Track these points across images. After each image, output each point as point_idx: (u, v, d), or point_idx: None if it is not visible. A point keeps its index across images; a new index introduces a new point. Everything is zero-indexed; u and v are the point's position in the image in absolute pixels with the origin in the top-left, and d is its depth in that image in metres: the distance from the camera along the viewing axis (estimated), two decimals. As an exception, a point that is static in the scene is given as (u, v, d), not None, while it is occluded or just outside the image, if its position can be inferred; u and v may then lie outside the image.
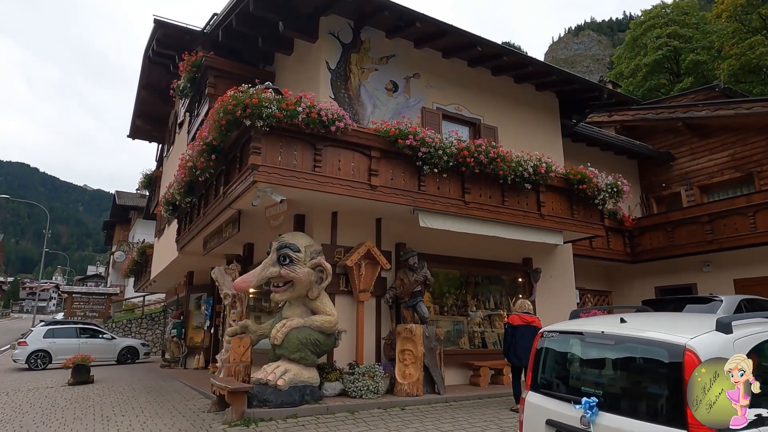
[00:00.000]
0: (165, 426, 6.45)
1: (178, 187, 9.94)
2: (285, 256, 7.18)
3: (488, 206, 9.08)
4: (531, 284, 10.87)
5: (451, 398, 7.89)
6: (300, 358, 6.97)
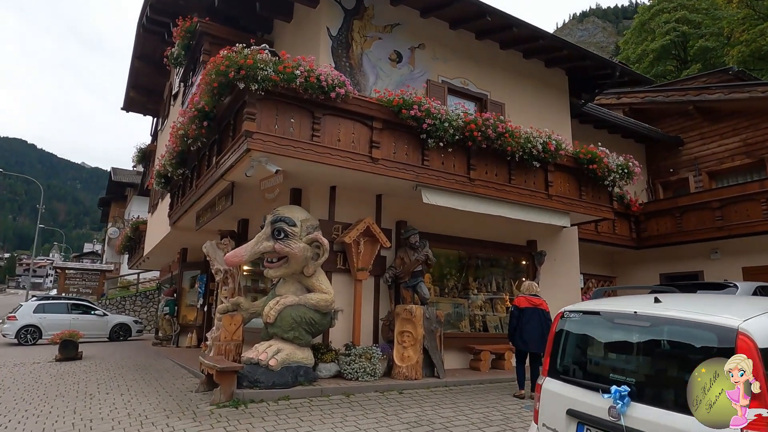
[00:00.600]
0: (149, 405, 6.11)
1: (170, 158, 9.50)
2: (280, 230, 6.78)
3: (494, 184, 8.66)
4: (535, 267, 10.50)
5: (451, 382, 7.57)
6: (294, 337, 6.61)
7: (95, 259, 50.40)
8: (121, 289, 27.90)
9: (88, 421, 5.50)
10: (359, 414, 5.66)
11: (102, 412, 5.88)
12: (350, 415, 5.62)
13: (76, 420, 5.59)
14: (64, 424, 5.46)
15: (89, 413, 5.88)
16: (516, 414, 5.98)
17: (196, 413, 5.56)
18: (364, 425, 5.24)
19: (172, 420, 5.36)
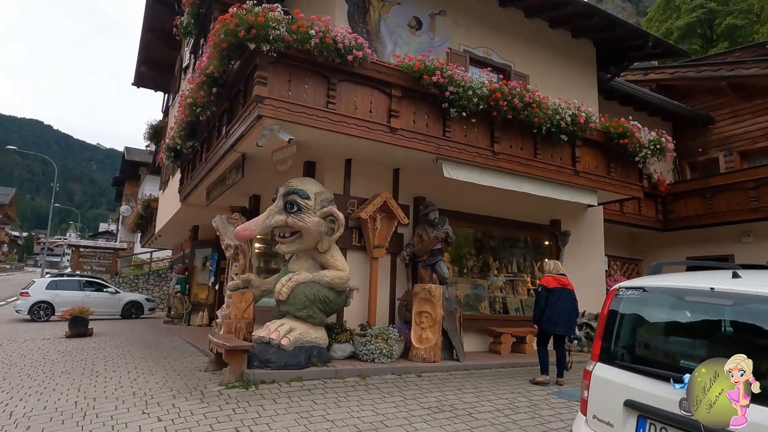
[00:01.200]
0: (156, 384, 5.83)
1: (179, 129, 9.13)
2: (292, 203, 6.39)
3: (519, 158, 8.16)
4: (558, 248, 10.03)
5: (471, 366, 7.20)
6: (307, 316, 6.27)
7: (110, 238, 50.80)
8: (134, 267, 27.97)
9: (92, 400, 5.23)
10: (376, 397, 5.32)
11: (107, 391, 5.61)
12: (367, 398, 5.27)
13: (79, 398, 5.33)
14: (66, 402, 5.20)
15: (93, 391, 5.61)
16: (543, 400, 5.59)
17: (204, 394, 5.26)
18: (382, 409, 4.89)
19: (178, 400, 5.06)
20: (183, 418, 4.49)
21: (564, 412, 5.12)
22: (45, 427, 4.41)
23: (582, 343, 9.50)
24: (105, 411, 4.80)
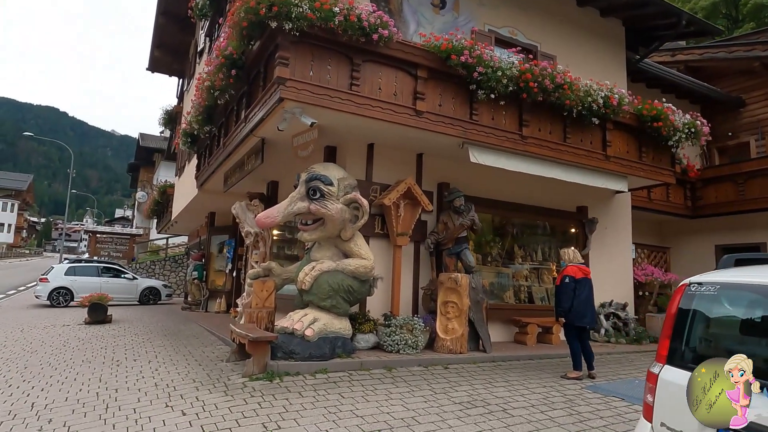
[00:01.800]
0: (178, 375, 5.70)
1: (196, 114, 8.92)
2: (315, 189, 6.16)
3: (548, 143, 7.83)
4: (585, 235, 9.72)
5: (498, 357, 6.98)
6: (331, 306, 6.07)
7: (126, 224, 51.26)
8: (151, 253, 28.14)
9: (114, 391, 5.11)
10: (404, 391, 5.12)
11: (128, 381, 5.49)
12: (395, 392, 5.08)
13: (101, 389, 5.21)
14: (88, 393, 5.08)
15: (115, 382, 5.50)
16: (578, 395, 5.36)
17: (228, 386, 5.11)
18: (412, 404, 4.70)
19: (202, 393, 4.91)
20: (208, 412, 4.34)
21: (602, 409, 4.88)
22: (67, 419, 4.29)
23: (609, 334, 9.24)
24: (127, 403, 4.67)
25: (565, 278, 6.14)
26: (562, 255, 6.55)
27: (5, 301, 15.87)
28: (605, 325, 9.36)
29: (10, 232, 63.23)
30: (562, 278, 6.19)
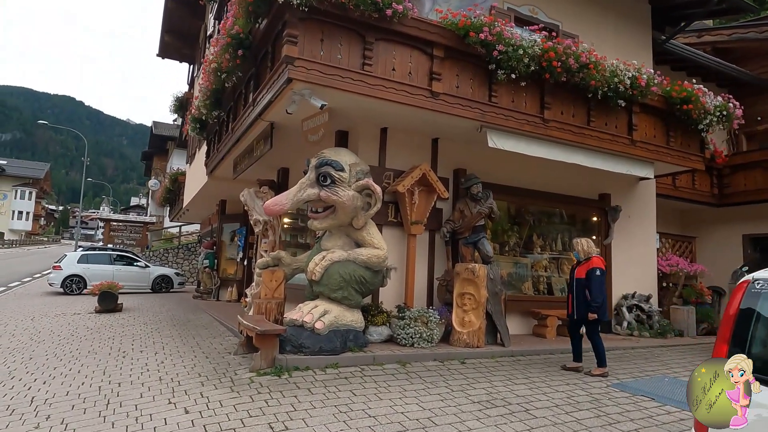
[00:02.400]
0: (183, 369, 5.49)
1: (204, 98, 8.65)
2: (326, 175, 5.86)
3: (571, 126, 7.43)
4: (608, 224, 9.31)
5: (517, 352, 6.66)
6: (342, 297, 5.80)
7: (140, 212, 51.63)
8: (165, 241, 28.20)
9: (116, 385, 4.91)
10: (420, 388, 4.85)
11: (132, 375, 5.29)
12: (409, 389, 4.81)
13: (103, 382, 5.02)
14: (90, 387, 4.89)
15: (119, 375, 5.31)
16: (604, 394, 5.04)
17: (234, 381, 4.88)
18: (428, 403, 4.42)
19: (207, 388, 4.69)
20: (212, 410, 4.10)
21: (631, 410, 4.56)
22: (66, 416, 4.09)
23: (632, 327, 8.87)
24: (129, 399, 4.46)
25: (596, 270, 5.70)
26: (575, 245, 6.07)
27: (20, 288, 15.92)
28: (628, 318, 8.99)
29: (29, 219, 64.14)
30: (591, 271, 5.70)
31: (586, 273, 5.74)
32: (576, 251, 6.05)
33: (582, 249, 5.95)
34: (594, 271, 5.70)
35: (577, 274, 5.86)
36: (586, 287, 5.74)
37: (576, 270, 5.91)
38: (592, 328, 5.84)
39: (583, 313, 5.76)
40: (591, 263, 5.78)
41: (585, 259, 5.87)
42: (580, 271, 5.85)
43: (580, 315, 5.81)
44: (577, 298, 5.82)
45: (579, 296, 5.81)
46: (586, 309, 5.71)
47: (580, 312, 5.80)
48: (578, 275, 5.84)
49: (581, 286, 5.79)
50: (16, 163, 70.05)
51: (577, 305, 5.83)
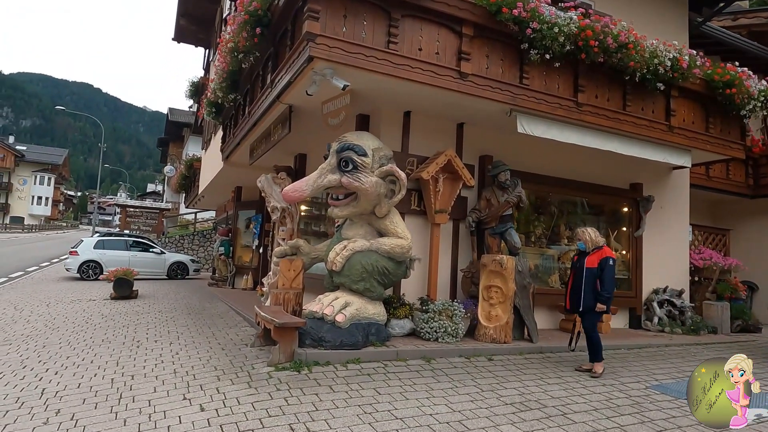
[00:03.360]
0: (199, 361, 5.27)
1: (220, 81, 8.38)
2: (348, 160, 5.55)
3: (606, 111, 7.01)
4: (639, 215, 8.89)
5: (546, 348, 6.34)
6: (364, 289, 5.52)
7: (157, 198, 51.99)
8: (180, 228, 28.26)
9: (129, 377, 4.70)
10: (447, 387, 4.56)
11: (146, 366, 5.09)
12: (436, 388, 4.52)
13: (116, 375, 4.81)
14: (102, 379, 4.69)
15: (132, 366, 5.10)
16: (644, 396, 4.70)
17: (252, 376, 4.64)
18: (458, 404, 4.13)
19: (223, 383, 4.45)
20: (229, 407, 3.86)
21: (678, 416, 4.21)
22: (76, 411, 3.88)
23: (663, 323, 8.48)
24: (142, 394, 4.24)
25: (609, 260, 5.30)
26: (581, 235, 5.54)
27: (37, 273, 15.96)
28: (658, 313, 8.60)
29: (48, 205, 65.12)
30: (605, 260, 5.28)
31: (599, 262, 5.31)
32: (581, 241, 5.53)
33: (590, 238, 5.47)
34: (607, 260, 5.29)
35: (588, 263, 5.38)
36: (597, 277, 5.31)
37: (586, 259, 5.41)
38: (594, 320, 5.44)
39: (590, 304, 5.32)
40: (603, 252, 5.36)
41: (594, 248, 5.43)
42: (591, 260, 5.37)
43: (587, 306, 5.34)
44: (586, 288, 5.34)
45: (588, 287, 5.34)
46: (595, 300, 5.30)
47: (588, 303, 5.33)
48: (590, 264, 5.36)
49: (592, 276, 5.33)
50: (35, 149, 70.98)
51: (585, 296, 5.35)
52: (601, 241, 5.48)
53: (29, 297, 10.43)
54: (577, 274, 5.47)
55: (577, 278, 5.46)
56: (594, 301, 5.29)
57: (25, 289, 11.99)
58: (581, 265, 5.42)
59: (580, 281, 5.39)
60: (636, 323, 8.69)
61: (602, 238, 5.56)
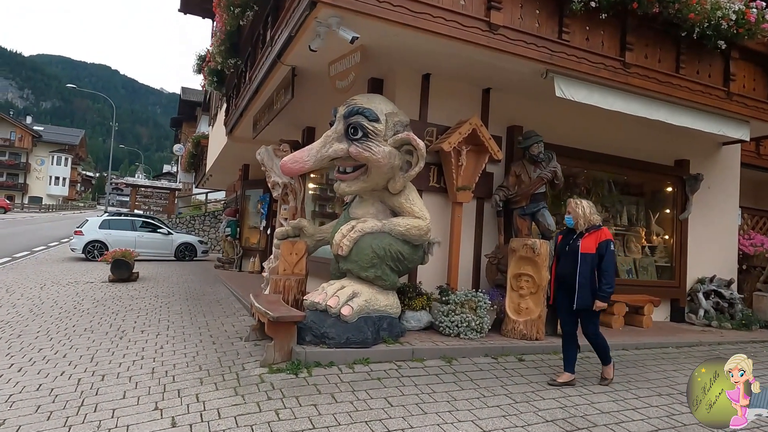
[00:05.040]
0: (184, 357, 4.58)
1: (218, 44, 7.58)
2: (357, 126, 4.72)
3: (656, 74, 6.06)
4: (685, 196, 7.94)
5: (584, 346, 5.46)
6: (375, 276, 4.74)
7: (171, 179, 51.85)
8: (194, 208, 27.82)
9: (99, 378, 4.02)
10: (473, 397, 3.79)
11: (123, 364, 4.41)
12: (460, 398, 3.76)
13: (86, 373, 4.14)
14: (69, 379, 4.03)
15: (107, 363, 4.43)
16: (713, 412, 3.87)
17: (240, 380, 3.92)
18: (487, 420, 3.36)
19: (205, 388, 3.74)
20: (206, 422, 3.15)
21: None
22: (24, 422, 3.20)
23: (710, 316, 7.59)
24: (108, 401, 3.55)
25: (611, 244, 4.08)
26: (574, 208, 4.20)
27: (43, 253, 15.54)
28: (705, 305, 7.71)
29: (65, 185, 65.51)
30: (605, 244, 4.06)
31: (598, 247, 4.08)
32: (571, 216, 4.23)
33: (584, 214, 4.16)
34: (608, 245, 4.06)
35: (584, 247, 4.09)
36: (594, 266, 4.09)
37: (581, 242, 4.12)
38: (595, 321, 4.25)
39: (586, 301, 4.08)
40: (602, 234, 4.12)
41: (590, 228, 4.15)
42: (587, 243, 4.10)
43: (583, 304, 4.11)
44: (581, 280, 4.08)
45: (584, 278, 4.07)
46: (592, 295, 4.08)
47: (583, 299, 4.09)
48: (586, 249, 4.09)
49: (587, 263, 4.07)
50: (52, 130, 71.38)
51: (580, 290, 4.08)
52: (598, 220, 4.21)
53: (26, 279, 9.90)
54: (566, 260, 4.20)
55: (566, 265, 4.19)
56: (592, 298, 4.08)
57: (25, 270, 11.51)
58: (573, 250, 4.16)
59: (572, 269, 4.12)
60: (679, 316, 7.81)
61: (595, 216, 4.23)
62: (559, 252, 4.33)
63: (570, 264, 4.15)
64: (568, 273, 4.15)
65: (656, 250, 8.06)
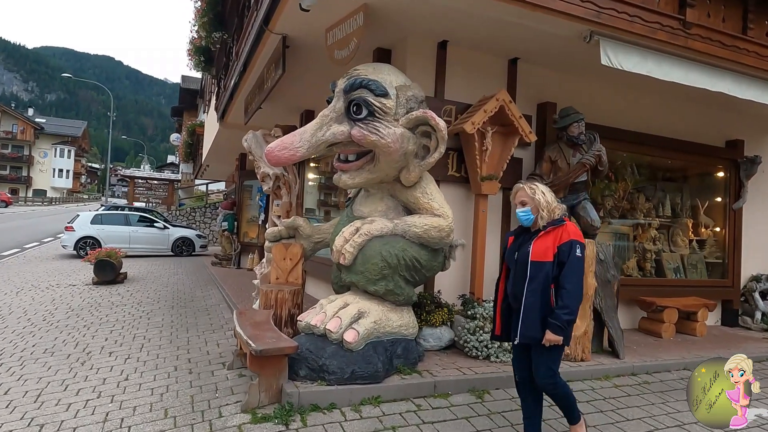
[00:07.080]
0: (150, 395, 3.69)
1: (200, 15, 6.60)
2: (361, 103, 3.74)
3: (720, 36, 5.01)
4: (739, 181, 6.92)
5: (639, 368, 4.58)
6: (386, 291, 3.80)
7: (174, 169, 51.09)
8: (196, 199, 27.00)
9: (37, 428, 3.14)
10: (518, 454, 2.87)
11: (71, 406, 3.52)
12: (501, 456, 2.84)
13: (22, 422, 3.27)
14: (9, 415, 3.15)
15: (54, 404, 3.55)
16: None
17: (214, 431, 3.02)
18: (543, 500, 2.44)
19: (166, 448, 2.85)
20: None
21: None
22: None
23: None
24: (34, 470, 2.67)
25: (576, 246, 2.69)
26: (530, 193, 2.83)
27: (34, 251, 14.78)
28: (762, 307, 6.75)
29: (69, 177, 64.98)
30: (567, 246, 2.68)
31: (557, 251, 2.71)
32: (528, 208, 2.84)
33: (544, 201, 2.80)
34: (573, 247, 2.69)
35: (535, 253, 2.74)
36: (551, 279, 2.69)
37: (533, 245, 2.77)
38: (551, 360, 2.75)
39: (532, 332, 2.70)
40: (565, 232, 2.75)
41: (548, 224, 2.79)
42: (540, 247, 2.75)
43: (529, 336, 2.72)
44: (528, 300, 2.71)
45: (532, 296, 2.70)
46: (543, 324, 2.67)
47: (528, 328, 2.71)
48: (537, 255, 2.73)
49: (540, 276, 2.69)
50: (54, 122, 70.83)
51: (525, 314, 2.72)
52: (561, 211, 2.85)
53: (5, 282, 9.09)
54: (516, 272, 2.83)
55: (517, 280, 2.80)
56: (542, 326, 2.67)
57: (10, 269, 10.73)
58: (521, 256, 2.81)
59: (519, 285, 2.78)
60: (731, 319, 6.85)
61: (561, 204, 2.92)
62: (507, 261, 2.97)
63: (521, 278, 2.78)
64: (519, 290, 2.77)
65: (705, 245, 7.08)
